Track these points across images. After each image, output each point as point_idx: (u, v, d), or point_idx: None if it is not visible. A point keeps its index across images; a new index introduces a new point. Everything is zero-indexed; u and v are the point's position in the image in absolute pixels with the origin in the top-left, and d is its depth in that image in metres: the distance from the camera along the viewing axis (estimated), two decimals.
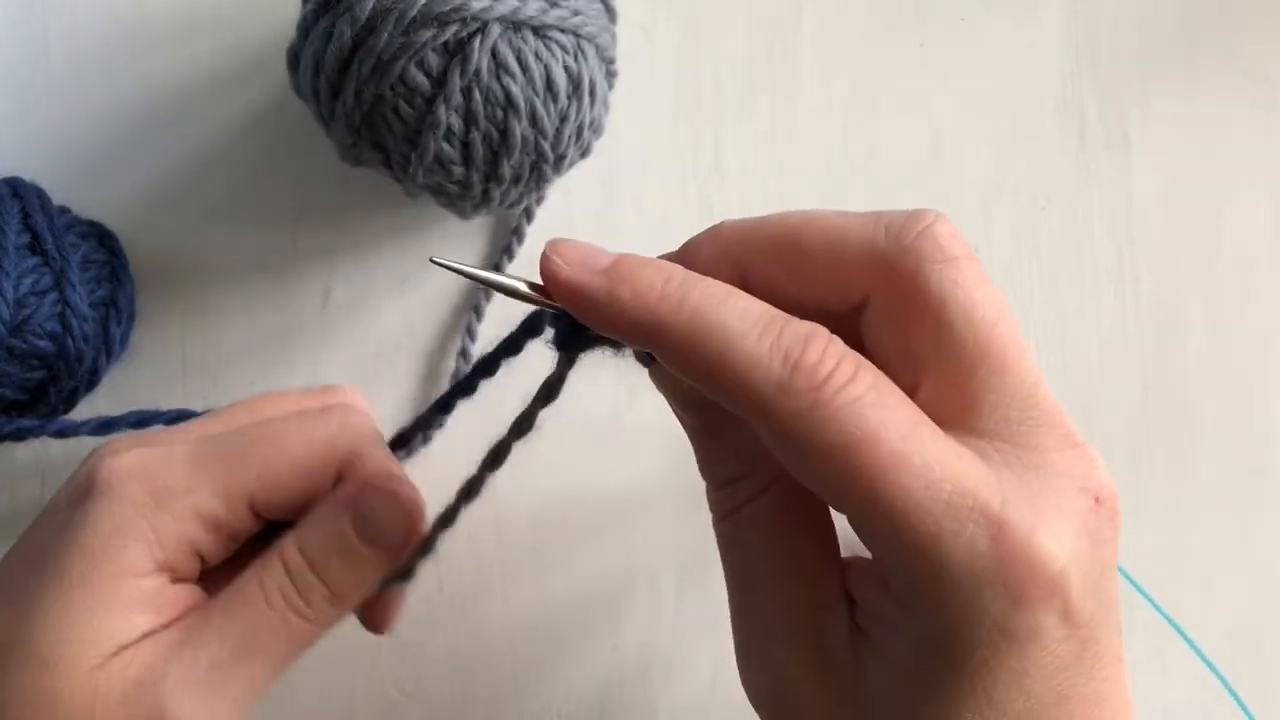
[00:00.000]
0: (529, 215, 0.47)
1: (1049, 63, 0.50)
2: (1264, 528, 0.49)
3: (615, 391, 0.46)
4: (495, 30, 0.38)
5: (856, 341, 0.29)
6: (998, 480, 0.27)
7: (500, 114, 0.39)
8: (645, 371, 0.33)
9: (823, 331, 0.27)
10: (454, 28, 0.38)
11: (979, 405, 0.28)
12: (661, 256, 0.31)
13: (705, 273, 0.29)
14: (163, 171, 0.46)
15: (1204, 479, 0.49)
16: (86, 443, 0.44)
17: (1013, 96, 0.49)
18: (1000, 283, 0.48)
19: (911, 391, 0.28)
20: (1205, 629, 0.48)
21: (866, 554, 0.28)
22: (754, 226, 0.31)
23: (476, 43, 0.38)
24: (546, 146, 0.40)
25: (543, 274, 0.30)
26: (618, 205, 0.47)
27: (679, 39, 0.48)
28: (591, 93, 0.41)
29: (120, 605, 0.31)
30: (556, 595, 0.46)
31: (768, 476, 0.30)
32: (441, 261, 0.31)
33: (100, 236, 0.44)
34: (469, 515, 0.37)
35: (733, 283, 0.29)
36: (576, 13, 0.40)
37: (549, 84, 0.39)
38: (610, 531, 0.46)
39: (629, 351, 0.31)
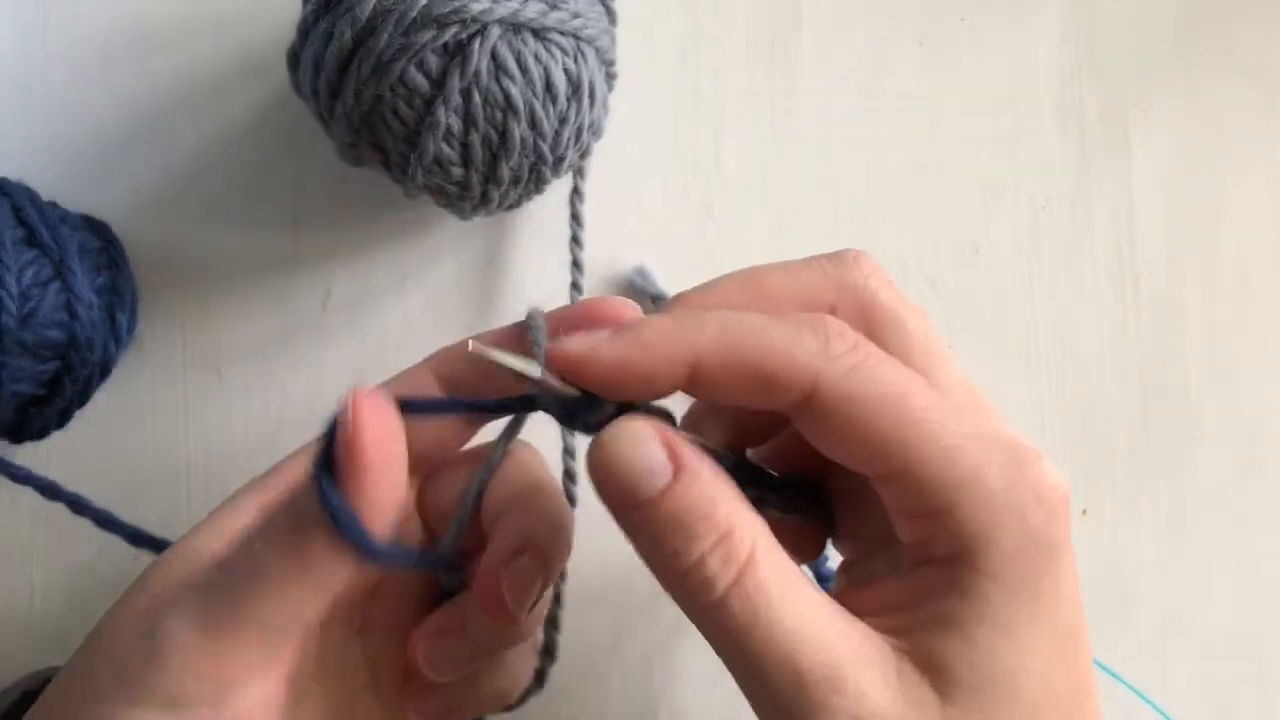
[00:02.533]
0: (579, 220, 0.46)
1: (1049, 63, 0.50)
2: (1264, 528, 0.49)
3: None
4: (495, 32, 0.38)
5: None
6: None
7: (499, 116, 0.39)
8: None
9: (829, 316, 0.31)
10: (454, 29, 0.38)
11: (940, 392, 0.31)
12: (603, 336, 0.32)
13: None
14: (163, 171, 0.46)
15: (1204, 479, 0.49)
16: (90, 440, 0.44)
17: (1013, 96, 0.49)
18: (1000, 283, 0.48)
19: None
20: (1205, 629, 0.48)
21: None
22: (714, 286, 0.33)
23: (476, 44, 0.38)
24: (545, 149, 0.40)
25: (558, 362, 0.30)
26: (618, 205, 0.47)
27: (679, 39, 0.48)
28: (591, 95, 0.41)
29: None
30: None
31: (754, 521, 0.30)
32: (494, 355, 0.30)
33: (92, 226, 0.44)
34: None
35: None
36: (576, 15, 0.40)
37: (548, 86, 0.39)
38: (610, 531, 0.46)
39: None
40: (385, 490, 0.29)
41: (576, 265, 0.46)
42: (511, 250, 0.47)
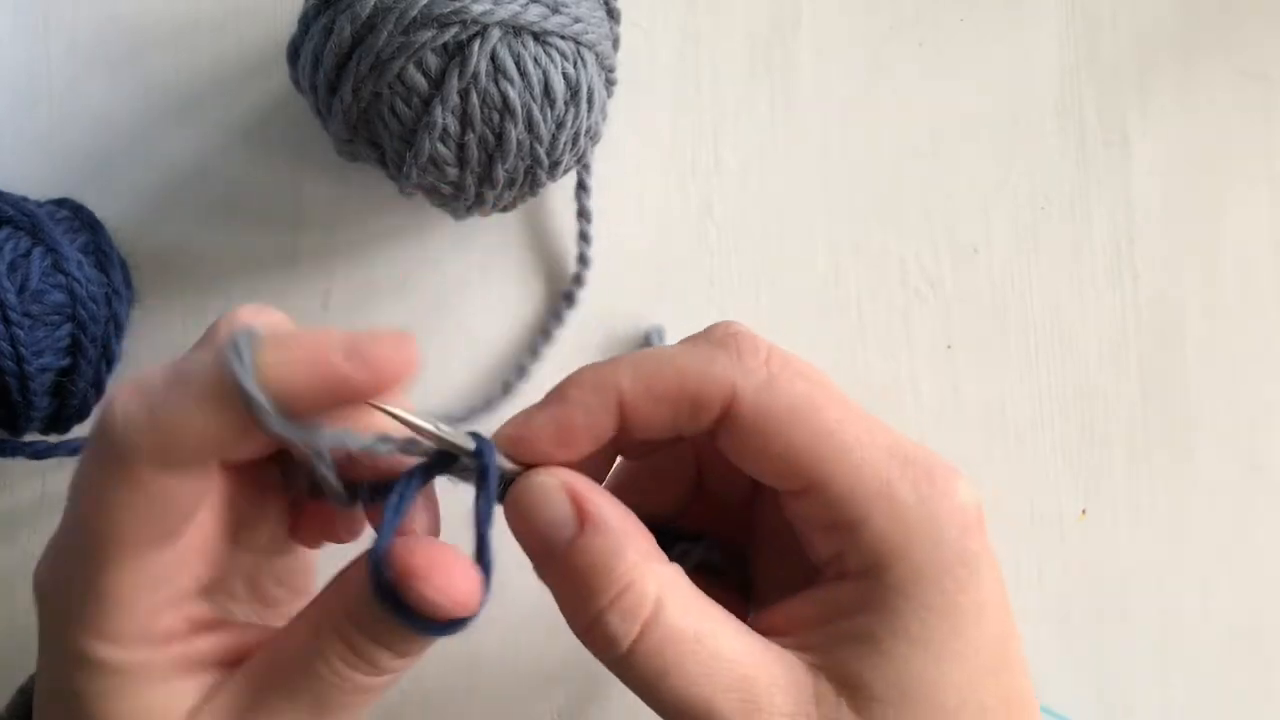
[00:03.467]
0: (586, 216, 0.47)
1: (1049, 63, 0.50)
2: (1263, 527, 0.49)
3: None
4: (495, 34, 0.38)
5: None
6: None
7: (496, 118, 0.39)
8: None
9: (741, 325, 0.31)
10: (454, 30, 0.38)
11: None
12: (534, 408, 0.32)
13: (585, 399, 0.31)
14: (163, 171, 0.47)
15: (1204, 478, 0.49)
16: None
17: (1013, 96, 0.49)
18: (1000, 283, 0.48)
19: None
20: (1205, 629, 0.48)
21: None
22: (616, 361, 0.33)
23: (476, 46, 0.38)
24: (541, 152, 0.40)
25: (503, 446, 0.31)
26: (617, 205, 0.47)
27: (678, 39, 0.48)
28: (589, 100, 0.40)
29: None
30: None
31: (659, 575, 0.30)
32: (401, 415, 0.29)
33: (56, 203, 0.44)
34: (469, 515, 0.37)
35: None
36: (577, 20, 0.40)
37: (547, 90, 0.39)
38: None
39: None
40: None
41: (583, 260, 0.47)
42: (512, 250, 0.47)
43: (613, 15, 0.43)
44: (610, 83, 0.43)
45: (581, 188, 0.46)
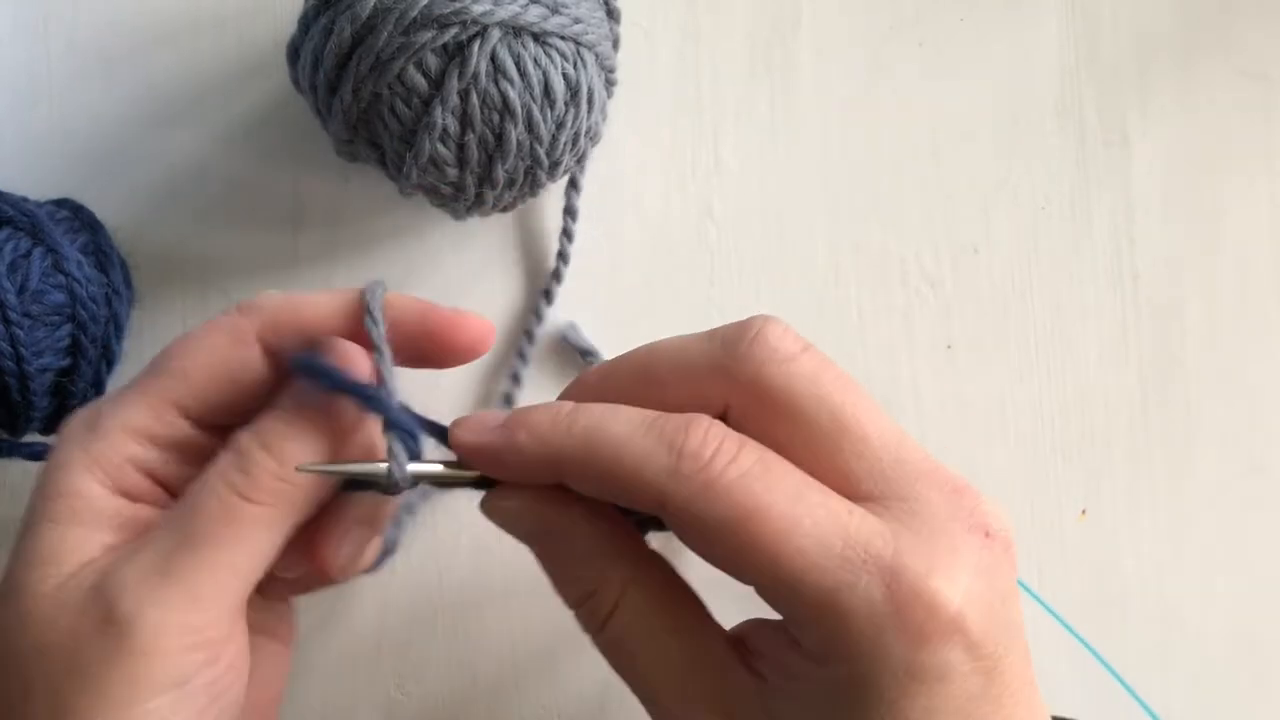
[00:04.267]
0: (573, 214, 0.47)
1: (1049, 62, 0.50)
2: (1264, 527, 0.49)
3: None
4: (495, 35, 0.38)
5: None
6: (890, 531, 0.29)
7: (496, 118, 0.39)
8: None
9: (702, 418, 0.30)
10: (454, 30, 0.38)
11: (854, 474, 0.30)
12: (490, 424, 0.34)
13: None
14: (163, 171, 0.46)
15: (1204, 479, 0.49)
16: None
17: (1013, 96, 0.49)
18: (1000, 283, 0.48)
19: None
20: (1205, 629, 0.48)
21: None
22: (611, 369, 0.34)
23: (476, 46, 0.38)
24: (542, 153, 0.40)
25: (453, 446, 0.33)
26: (617, 206, 0.47)
27: (678, 39, 0.48)
28: (590, 101, 0.40)
29: (76, 524, 0.31)
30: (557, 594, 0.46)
31: (622, 578, 0.32)
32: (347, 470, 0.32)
33: (56, 203, 0.44)
34: (469, 515, 0.37)
35: None
36: (577, 20, 0.40)
37: (547, 91, 0.39)
38: None
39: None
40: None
41: (562, 256, 0.47)
42: (512, 250, 0.47)
43: (613, 15, 0.43)
44: (610, 83, 0.43)
45: (573, 186, 0.46)
